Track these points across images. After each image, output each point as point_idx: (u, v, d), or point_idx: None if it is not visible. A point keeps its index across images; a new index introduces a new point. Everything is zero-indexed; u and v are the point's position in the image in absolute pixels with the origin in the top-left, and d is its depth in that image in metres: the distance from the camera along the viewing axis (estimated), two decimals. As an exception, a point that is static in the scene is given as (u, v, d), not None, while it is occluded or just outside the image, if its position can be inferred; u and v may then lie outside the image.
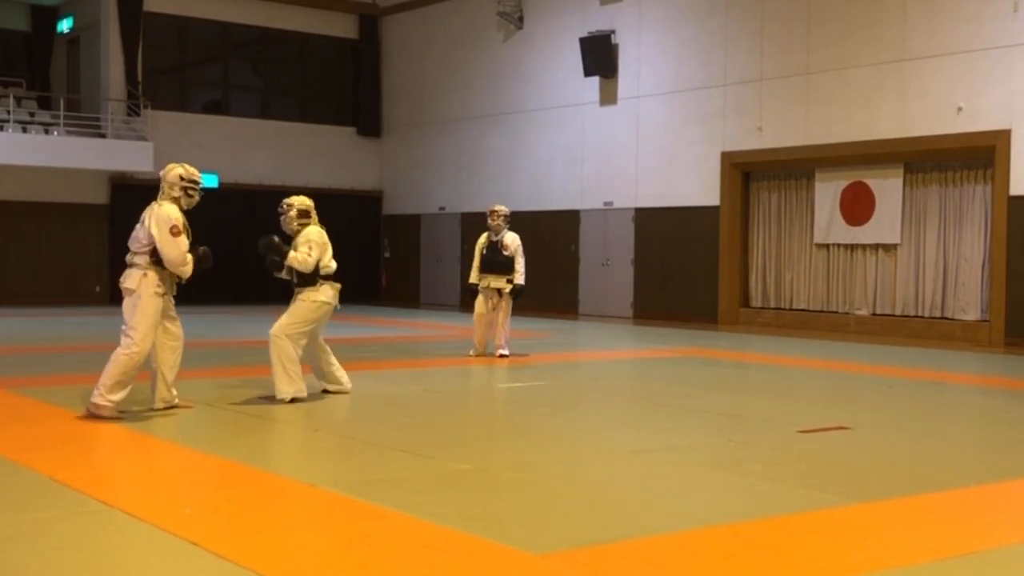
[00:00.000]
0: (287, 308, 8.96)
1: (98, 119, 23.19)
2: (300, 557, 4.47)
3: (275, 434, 7.48)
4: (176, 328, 8.13)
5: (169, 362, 8.05)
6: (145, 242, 7.86)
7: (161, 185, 8.12)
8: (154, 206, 8.00)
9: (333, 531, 4.93)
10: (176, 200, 8.04)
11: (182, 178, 8.07)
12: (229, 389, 9.51)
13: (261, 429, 7.66)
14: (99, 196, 23.40)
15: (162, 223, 7.82)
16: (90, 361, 12.04)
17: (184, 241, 7.89)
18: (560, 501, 5.59)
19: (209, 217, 23.51)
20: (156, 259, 7.83)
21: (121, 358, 7.74)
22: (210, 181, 23.91)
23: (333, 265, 9.05)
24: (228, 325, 17.78)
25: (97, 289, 23.24)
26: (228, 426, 7.83)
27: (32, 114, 23.10)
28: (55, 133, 22.49)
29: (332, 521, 5.13)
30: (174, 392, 8.18)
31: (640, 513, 5.38)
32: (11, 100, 22.60)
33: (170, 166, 8.22)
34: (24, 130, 22.29)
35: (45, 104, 23.89)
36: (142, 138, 22.92)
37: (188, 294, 8.28)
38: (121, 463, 6.35)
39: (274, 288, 25.25)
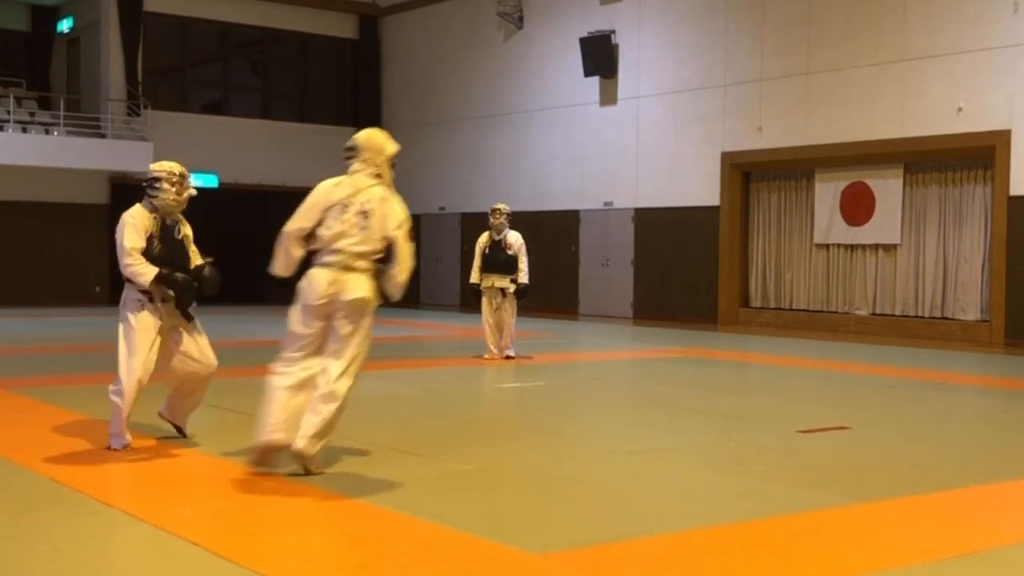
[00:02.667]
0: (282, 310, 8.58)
1: (98, 119, 23.20)
2: (300, 557, 4.47)
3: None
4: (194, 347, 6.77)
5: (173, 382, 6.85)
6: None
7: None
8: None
9: (333, 531, 4.93)
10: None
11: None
12: (228, 390, 9.49)
13: (261, 429, 7.65)
14: (99, 196, 23.40)
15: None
16: (90, 361, 12.05)
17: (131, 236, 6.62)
18: (560, 501, 5.59)
19: (209, 217, 23.70)
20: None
21: (110, 398, 6.62)
22: (210, 181, 23.94)
23: None
24: (227, 325, 17.77)
25: (97, 289, 23.24)
26: (228, 426, 7.82)
27: (32, 114, 23.11)
28: (55, 133, 22.50)
29: (332, 521, 5.13)
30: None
31: (640, 513, 5.38)
32: (11, 100, 22.61)
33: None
34: (24, 130, 22.30)
35: (45, 104, 23.90)
36: (142, 138, 22.92)
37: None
38: (121, 463, 6.34)
39: (271, 288, 25.10)
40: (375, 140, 6.32)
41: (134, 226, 6.63)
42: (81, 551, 4.55)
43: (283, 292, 9.00)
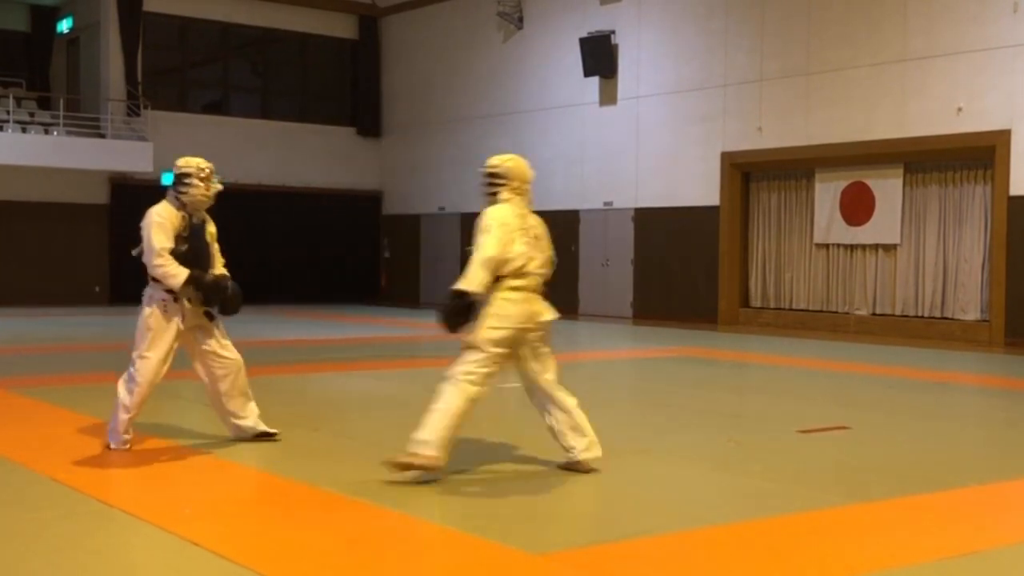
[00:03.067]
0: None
1: (98, 119, 23.20)
2: (300, 557, 4.47)
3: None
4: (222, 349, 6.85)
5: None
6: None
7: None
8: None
9: (333, 531, 4.93)
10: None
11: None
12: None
13: (261, 429, 7.65)
14: (99, 196, 23.40)
15: None
16: (90, 361, 12.06)
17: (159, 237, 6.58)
18: (560, 501, 5.59)
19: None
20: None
21: (119, 393, 6.62)
22: (210, 181, 23.91)
23: None
24: (227, 325, 17.75)
25: (97, 289, 23.24)
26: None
27: (32, 114, 23.10)
28: (55, 133, 22.49)
29: (332, 521, 5.13)
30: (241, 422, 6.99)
31: (640, 513, 5.38)
32: (11, 100, 22.60)
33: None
34: (24, 130, 22.29)
35: (45, 104, 23.89)
36: (142, 138, 22.91)
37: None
38: (121, 463, 6.34)
39: (272, 289, 25.17)
40: (521, 167, 6.47)
41: (162, 226, 6.56)
42: (81, 551, 4.55)
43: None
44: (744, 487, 5.98)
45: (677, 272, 20.12)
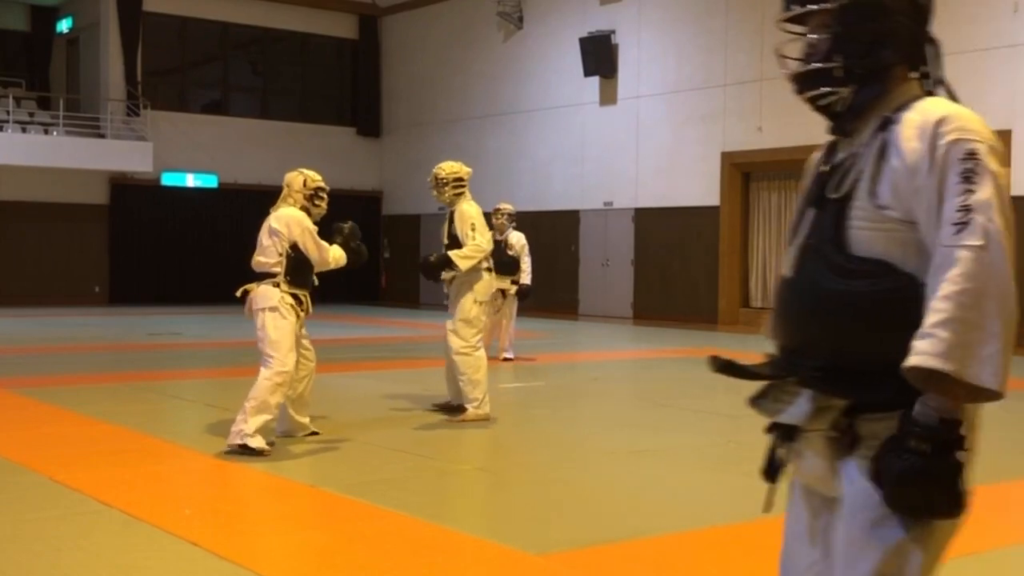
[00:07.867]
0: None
1: (98, 119, 23.20)
2: (300, 557, 4.47)
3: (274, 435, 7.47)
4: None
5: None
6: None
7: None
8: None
9: (333, 531, 4.93)
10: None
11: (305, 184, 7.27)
12: (226, 390, 9.49)
13: (261, 429, 7.65)
14: (99, 196, 23.40)
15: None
16: (90, 361, 12.05)
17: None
18: (560, 501, 5.59)
19: (209, 217, 23.72)
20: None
21: (267, 398, 6.70)
22: (210, 181, 23.93)
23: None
24: (227, 325, 17.76)
25: (96, 289, 23.23)
26: (227, 426, 7.81)
27: (32, 114, 23.10)
28: (55, 133, 22.49)
29: (332, 521, 5.12)
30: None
31: (640, 513, 5.38)
32: (11, 100, 22.60)
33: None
34: (24, 130, 22.29)
35: (45, 104, 23.89)
36: (142, 138, 22.91)
37: (188, 294, 8.20)
38: (121, 463, 6.34)
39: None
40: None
41: (312, 231, 7.15)
42: (81, 551, 4.55)
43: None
44: (744, 487, 5.97)
45: (677, 272, 20.12)
